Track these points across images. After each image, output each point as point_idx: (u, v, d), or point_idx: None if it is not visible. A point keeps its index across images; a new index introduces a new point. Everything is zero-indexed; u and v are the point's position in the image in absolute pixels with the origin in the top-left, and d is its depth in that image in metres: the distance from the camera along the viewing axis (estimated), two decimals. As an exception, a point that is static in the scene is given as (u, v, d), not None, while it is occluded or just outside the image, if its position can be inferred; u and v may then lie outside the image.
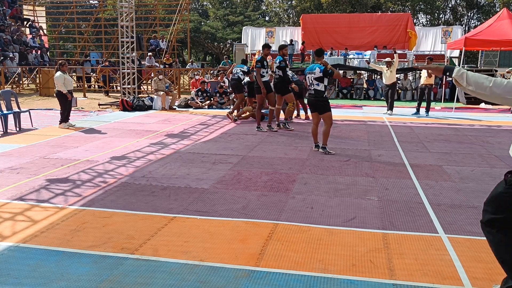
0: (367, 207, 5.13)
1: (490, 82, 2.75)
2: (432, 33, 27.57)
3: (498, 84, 2.73)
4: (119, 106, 14.36)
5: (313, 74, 7.81)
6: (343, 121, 12.10)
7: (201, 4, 49.86)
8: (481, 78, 2.81)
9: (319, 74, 7.74)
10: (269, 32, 28.97)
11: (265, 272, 3.56)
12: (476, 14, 41.67)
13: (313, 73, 7.83)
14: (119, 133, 9.83)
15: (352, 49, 24.15)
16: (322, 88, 7.80)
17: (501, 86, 2.72)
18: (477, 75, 2.83)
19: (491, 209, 3.02)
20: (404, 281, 3.44)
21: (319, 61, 7.91)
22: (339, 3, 38.67)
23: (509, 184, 2.86)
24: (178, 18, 24.38)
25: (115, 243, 4.07)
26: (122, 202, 5.22)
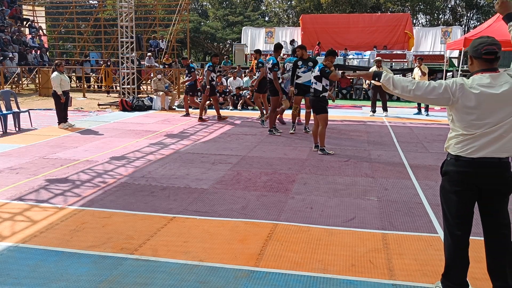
0: (366, 207, 5.13)
1: (413, 85, 2.99)
2: (432, 33, 27.54)
3: (419, 87, 2.97)
4: (118, 106, 14.36)
5: (314, 72, 7.95)
6: (342, 121, 12.10)
7: (201, 4, 49.85)
8: (405, 81, 3.05)
9: (317, 73, 7.79)
10: (268, 32, 28.94)
11: (264, 272, 3.56)
12: (475, 14, 41.67)
13: (314, 72, 8.01)
14: (119, 133, 9.83)
15: (351, 49, 24.13)
16: (319, 87, 7.80)
17: (422, 89, 2.97)
18: (402, 79, 3.07)
19: None
20: (404, 281, 3.44)
21: (325, 61, 7.89)
22: (338, 4, 38.66)
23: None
24: (177, 18, 24.39)
25: (114, 243, 4.07)
26: (121, 202, 5.22)
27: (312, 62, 9.34)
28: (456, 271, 3.10)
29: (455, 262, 3.10)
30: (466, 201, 3.01)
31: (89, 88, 21.58)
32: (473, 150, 2.91)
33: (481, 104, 2.84)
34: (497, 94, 2.81)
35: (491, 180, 2.93)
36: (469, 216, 3.07)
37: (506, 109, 2.83)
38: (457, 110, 2.95)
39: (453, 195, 3.02)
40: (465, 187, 2.98)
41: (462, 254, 3.09)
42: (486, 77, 2.86)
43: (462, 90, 2.87)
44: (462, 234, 3.06)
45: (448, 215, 3.09)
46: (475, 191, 2.98)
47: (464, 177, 2.96)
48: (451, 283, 3.12)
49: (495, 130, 2.85)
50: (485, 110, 2.84)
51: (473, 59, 2.95)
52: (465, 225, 3.07)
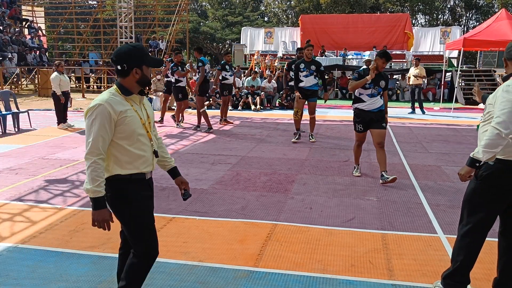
0: (366, 207, 5.14)
1: (498, 130, 2.76)
2: (431, 33, 27.56)
3: (505, 125, 2.73)
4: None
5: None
6: (342, 122, 12.11)
7: (200, 4, 49.84)
8: (491, 136, 2.79)
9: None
10: (268, 32, 28.95)
11: (264, 273, 3.56)
12: (474, 14, 41.71)
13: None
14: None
15: (351, 50, 24.15)
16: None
17: (506, 122, 2.74)
18: (485, 142, 2.82)
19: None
20: (403, 281, 3.45)
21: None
22: (338, 4, 38.67)
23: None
24: (177, 18, 24.38)
25: (114, 244, 4.06)
26: (121, 202, 5.21)
27: (315, 65, 8.68)
28: (468, 269, 3.13)
29: (472, 261, 3.10)
30: (502, 202, 3.00)
31: (88, 89, 21.57)
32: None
33: None
34: None
35: None
36: (496, 218, 3.07)
37: None
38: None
39: (492, 196, 2.98)
40: (506, 188, 2.94)
41: (478, 252, 3.12)
42: None
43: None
44: (484, 235, 3.08)
45: (478, 212, 3.04)
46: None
47: (509, 180, 2.92)
48: (456, 281, 3.14)
49: None
50: None
51: (507, 61, 2.97)
52: (491, 225, 3.07)
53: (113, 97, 2.54)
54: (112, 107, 2.49)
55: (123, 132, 2.54)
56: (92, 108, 2.50)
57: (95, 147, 2.47)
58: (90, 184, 2.48)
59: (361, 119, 6.17)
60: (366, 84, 5.97)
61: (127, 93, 2.59)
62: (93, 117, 2.48)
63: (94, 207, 2.56)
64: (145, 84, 2.63)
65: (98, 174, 2.48)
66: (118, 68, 2.57)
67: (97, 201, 2.54)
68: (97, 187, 2.48)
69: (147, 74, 2.62)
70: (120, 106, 2.54)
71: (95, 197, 2.52)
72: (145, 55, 2.60)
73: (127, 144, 2.56)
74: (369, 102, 6.05)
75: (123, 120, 2.53)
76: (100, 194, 2.51)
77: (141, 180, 2.66)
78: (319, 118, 12.48)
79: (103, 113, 2.47)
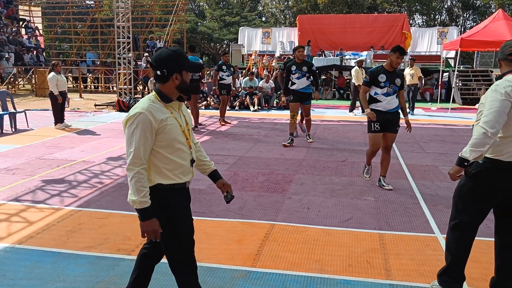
0: (363, 207, 5.14)
1: (484, 129, 2.84)
2: (428, 34, 27.63)
3: (490, 124, 2.82)
4: (115, 106, 14.34)
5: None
6: (339, 122, 12.12)
7: (198, 4, 49.81)
8: (478, 135, 2.87)
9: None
10: (265, 32, 28.96)
11: (261, 273, 3.56)
12: (471, 15, 41.81)
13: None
14: (116, 134, 9.81)
15: (348, 50, 24.20)
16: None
17: (492, 122, 2.82)
18: (474, 140, 2.89)
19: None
20: (401, 281, 3.45)
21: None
22: (335, 4, 38.70)
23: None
24: (174, 18, 24.35)
25: (111, 244, 4.06)
26: (118, 203, 5.21)
27: (307, 66, 8.43)
28: (461, 265, 3.15)
29: (461, 256, 3.13)
30: (491, 200, 3.03)
31: (85, 89, 21.53)
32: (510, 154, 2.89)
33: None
34: None
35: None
36: (485, 216, 3.10)
37: None
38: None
39: (481, 194, 3.01)
40: (496, 187, 2.97)
41: (468, 248, 3.14)
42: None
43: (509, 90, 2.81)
44: (474, 232, 3.11)
45: (467, 210, 3.08)
46: (506, 192, 2.98)
47: (498, 179, 2.95)
48: (451, 278, 3.17)
49: None
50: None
51: (501, 61, 3.01)
52: (479, 223, 3.10)
53: (153, 105, 2.46)
54: (153, 115, 2.42)
55: (164, 140, 2.47)
56: (132, 117, 2.42)
57: (137, 157, 2.40)
58: (136, 195, 2.41)
59: (377, 120, 5.70)
60: (381, 83, 5.61)
61: (167, 100, 2.51)
62: (134, 126, 2.40)
63: (142, 218, 2.47)
64: (185, 90, 2.55)
65: (143, 185, 2.41)
66: (157, 73, 2.48)
67: (144, 212, 2.45)
68: (143, 197, 2.41)
69: (187, 80, 2.53)
70: (161, 114, 2.46)
71: (142, 208, 2.44)
72: (185, 59, 2.52)
73: (168, 152, 2.49)
74: (386, 102, 5.66)
75: (164, 128, 2.45)
76: (146, 204, 2.44)
77: (182, 189, 2.60)
78: (317, 118, 12.50)
79: (144, 122, 2.40)
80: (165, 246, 2.63)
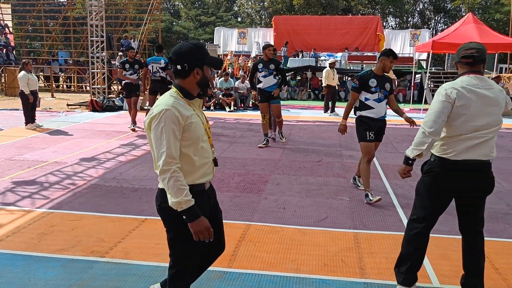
0: (338, 207, 5.20)
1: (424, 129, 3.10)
2: (401, 36, 28.18)
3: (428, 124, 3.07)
4: (88, 106, 14.09)
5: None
6: (314, 122, 12.22)
7: (173, 4, 49.44)
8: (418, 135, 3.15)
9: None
10: (241, 33, 28.98)
11: (237, 273, 3.56)
12: (443, 18, 42.83)
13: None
14: (89, 134, 9.64)
15: (323, 51, 24.44)
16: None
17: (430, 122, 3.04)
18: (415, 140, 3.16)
19: None
20: (375, 279, 3.51)
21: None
22: (310, 5, 39.02)
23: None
24: (149, 17, 24.08)
25: (84, 247, 3.99)
26: (91, 204, 5.12)
27: (275, 64, 8.33)
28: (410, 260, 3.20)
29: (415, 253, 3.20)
30: (444, 200, 3.11)
31: (57, 88, 21.09)
32: (457, 153, 2.99)
33: (470, 104, 2.92)
34: (485, 95, 2.93)
35: (473, 182, 3.02)
36: (440, 213, 3.18)
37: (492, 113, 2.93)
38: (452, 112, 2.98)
39: (434, 193, 3.11)
40: (447, 187, 3.07)
41: (421, 244, 3.20)
42: (473, 78, 2.97)
43: (456, 91, 2.94)
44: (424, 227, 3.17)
45: (421, 208, 3.18)
46: (456, 192, 3.08)
47: (445, 178, 3.05)
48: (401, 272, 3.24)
49: (480, 136, 2.94)
50: (473, 111, 2.92)
51: (456, 63, 3.11)
52: (430, 220, 3.17)
53: (177, 101, 2.33)
54: (179, 112, 2.28)
55: (188, 139, 2.34)
56: (157, 115, 2.26)
57: (171, 156, 2.25)
58: (178, 196, 2.25)
59: (368, 127, 5.37)
60: (372, 88, 5.30)
61: (189, 97, 2.39)
62: (162, 124, 2.24)
63: (191, 218, 2.29)
64: (205, 86, 2.44)
65: (182, 183, 2.26)
66: (177, 68, 2.35)
67: (191, 211, 2.28)
68: (186, 196, 2.26)
69: (208, 75, 2.43)
70: (186, 111, 2.33)
71: (188, 207, 2.27)
72: (206, 54, 2.41)
73: (191, 152, 2.36)
74: (378, 108, 5.35)
75: (190, 126, 2.32)
76: (192, 202, 2.28)
77: (201, 192, 2.45)
78: (292, 118, 12.58)
79: (171, 118, 2.25)
80: (171, 245, 2.54)
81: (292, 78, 19.70)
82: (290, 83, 19.20)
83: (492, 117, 2.94)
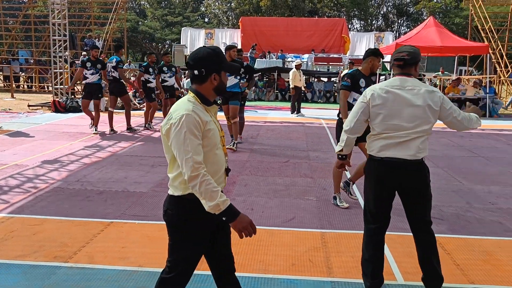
0: (306, 207, 5.25)
1: (345, 128, 3.30)
2: (366, 38, 28.75)
3: (347, 123, 3.29)
4: (50, 107, 13.69)
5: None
6: (281, 123, 12.30)
7: (138, 3, 48.72)
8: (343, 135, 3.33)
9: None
10: (208, 33, 28.85)
11: (205, 275, 3.53)
12: (405, 21, 44.03)
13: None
14: (51, 136, 9.37)
15: (290, 52, 24.64)
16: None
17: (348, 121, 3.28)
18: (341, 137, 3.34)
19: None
20: (341, 278, 3.56)
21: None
22: (277, 7, 39.29)
23: None
24: (114, 17, 23.64)
25: (47, 252, 3.87)
26: (54, 208, 4.98)
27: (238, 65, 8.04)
28: (370, 265, 3.25)
29: (373, 256, 3.25)
30: (382, 198, 3.19)
31: (18, 88, 20.41)
32: (379, 150, 3.11)
33: (386, 103, 3.06)
34: (402, 96, 3.03)
35: (403, 180, 3.09)
36: (385, 212, 3.22)
37: (411, 113, 3.01)
38: (370, 112, 3.15)
39: (372, 191, 3.21)
40: (380, 184, 3.16)
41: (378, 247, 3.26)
42: (397, 80, 3.11)
43: (371, 92, 3.13)
44: (377, 227, 3.24)
45: (367, 209, 3.28)
46: (391, 189, 3.15)
47: (377, 175, 3.17)
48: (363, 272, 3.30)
49: (402, 135, 3.02)
50: (389, 111, 3.04)
51: (391, 65, 3.25)
52: (379, 220, 3.23)
53: (196, 106, 2.28)
54: (199, 117, 2.24)
55: (205, 146, 2.28)
56: (178, 120, 2.20)
57: (197, 162, 2.20)
58: (213, 199, 2.22)
59: None
60: (361, 88, 5.11)
61: (207, 103, 2.35)
62: (184, 130, 2.19)
63: (231, 218, 2.31)
64: (222, 92, 2.40)
65: (214, 185, 2.24)
66: (194, 73, 2.31)
67: (230, 211, 2.29)
68: (221, 197, 2.25)
69: (225, 81, 2.39)
70: (205, 117, 2.28)
71: (226, 207, 2.28)
72: (224, 59, 2.38)
73: (206, 160, 2.29)
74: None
75: (208, 132, 2.28)
76: (228, 202, 2.29)
77: None
78: (260, 119, 12.62)
79: (193, 123, 2.21)
80: (171, 250, 2.45)
81: (260, 79, 19.76)
82: (258, 84, 19.25)
83: (410, 118, 3.00)
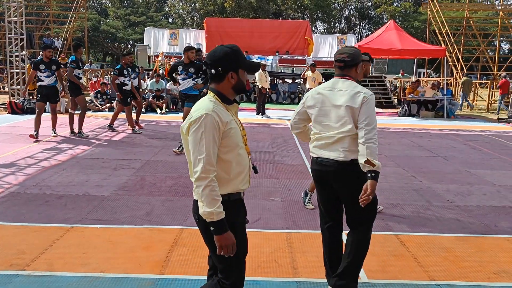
0: (271, 208, 5.26)
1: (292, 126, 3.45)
2: (329, 40, 29.23)
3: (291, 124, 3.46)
4: (6, 108, 13.17)
5: None
6: (247, 124, 12.30)
7: (100, 2, 47.68)
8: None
9: None
10: (172, 34, 28.55)
11: (170, 280, 3.48)
12: (367, 24, 45.08)
13: None
14: (7, 138, 9.00)
15: (255, 54, 24.72)
16: None
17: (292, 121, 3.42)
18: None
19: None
20: (307, 278, 3.58)
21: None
22: (242, 8, 39.37)
23: None
24: (74, 15, 23.02)
25: (2, 260, 3.70)
26: (10, 213, 4.78)
27: (194, 68, 8.08)
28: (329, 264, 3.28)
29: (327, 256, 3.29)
30: (323, 197, 3.25)
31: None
32: (312, 150, 3.20)
33: (316, 104, 3.14)
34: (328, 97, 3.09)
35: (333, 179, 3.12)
36: (332, 211, 3.26)
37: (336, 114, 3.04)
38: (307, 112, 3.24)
39: (317, 190, 3.31)
40: (319, 183, 3.24)
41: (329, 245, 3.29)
42: (331, 81, 3.17)
43: (308, 94, 3.24)
44: (329, 226, 3.29)
45: (319, 208, 3.35)
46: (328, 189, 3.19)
47: (314, 175, 3.26)
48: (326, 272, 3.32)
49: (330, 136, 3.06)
50: (318, 111, 3.12)
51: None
52: (329, 219, 3.28)
53: (216, 106, 2.26)
54: (219, 117, 2.22)
55: (227, 145, 2.28)
56: (198, 120, 2.20)
57: (209, 164, 2.19)
58: (211, 206, 2.17)
59: None
60: None
61: (228, 102, 2.33)
62: (202, 129, 2.19)
63: (218, 231, 2.22)
64: (241, 91, 2.38)
65: (217, 194, 2.21)
66: (212, 72, 2.30)
67: (220, 224, 2.21)
68: (219, 208, 2.19)
69: (244, 79, 2.36)
70: (225, 116, 2.27)
71: (219, 219, 2.20)
72: (242, 57, 2.35)
73: (229, 159, 2.31)
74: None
75: (229, 132, 2.27)
76: (223, 215, 2.21)
77: (238, 201, 2.43)
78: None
79: (212, 124, 2.19)
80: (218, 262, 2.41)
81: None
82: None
83: (337, 118, 3.03)
